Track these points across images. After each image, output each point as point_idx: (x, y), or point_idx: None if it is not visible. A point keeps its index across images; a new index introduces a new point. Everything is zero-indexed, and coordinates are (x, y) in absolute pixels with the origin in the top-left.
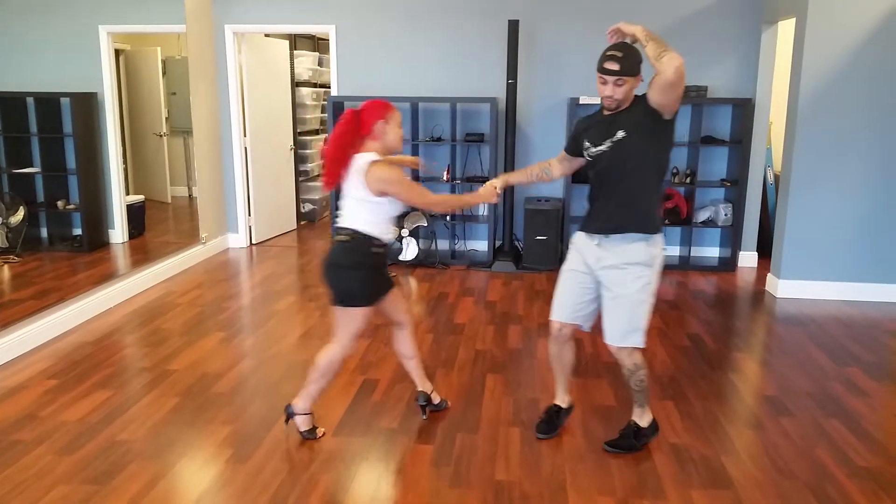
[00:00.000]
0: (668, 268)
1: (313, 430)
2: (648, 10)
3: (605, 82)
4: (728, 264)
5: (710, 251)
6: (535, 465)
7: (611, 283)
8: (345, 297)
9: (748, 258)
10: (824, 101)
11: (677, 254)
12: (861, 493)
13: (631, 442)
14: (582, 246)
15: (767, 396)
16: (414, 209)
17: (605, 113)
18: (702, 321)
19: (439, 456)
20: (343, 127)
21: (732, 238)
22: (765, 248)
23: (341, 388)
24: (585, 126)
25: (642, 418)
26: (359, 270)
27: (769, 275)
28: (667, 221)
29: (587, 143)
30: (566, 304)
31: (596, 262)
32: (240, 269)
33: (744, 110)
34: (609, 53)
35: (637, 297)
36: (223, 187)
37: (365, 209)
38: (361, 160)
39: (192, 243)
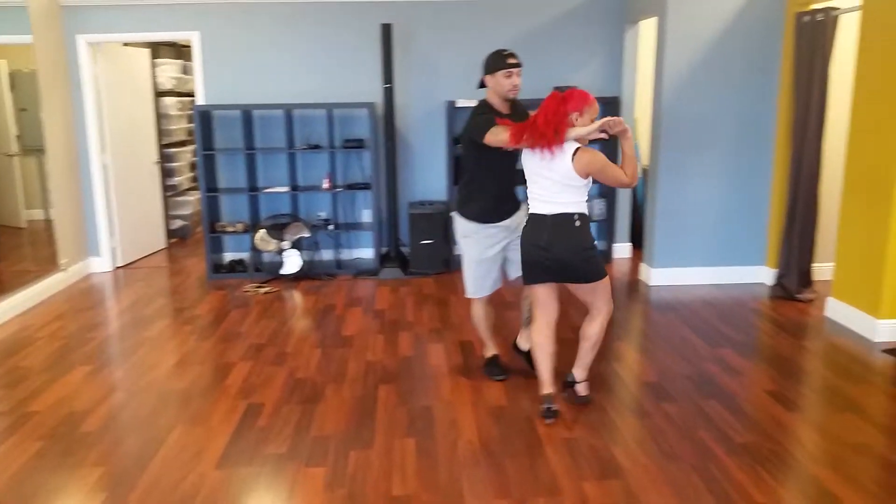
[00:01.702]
0: None
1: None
2: (517, 13)
3: (510, 75)
4: (605, 256)
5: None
6: (431, 476)
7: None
8: (598, 273)
9: (623, 249)
10: (685, 96)
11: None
12: (740, 469)
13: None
14: (497, 231)
15: (649, 383)
16: (297, 219)
17: (505, 112)
18: (583, 314)
19: (333, 478)
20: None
21: (607, 231)
22: (637, 240)
23: (222, 417)
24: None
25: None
26: (595, 247)
27: (642, 264)
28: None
29: None
30: (490, 282)
31: (512, 231)
32: (105, 296)
33: (611, 108)
34: (507, 52)
35: None
36: (82, 208)
37: (578, 192)
38: (568, 147)
39: (50, 270)
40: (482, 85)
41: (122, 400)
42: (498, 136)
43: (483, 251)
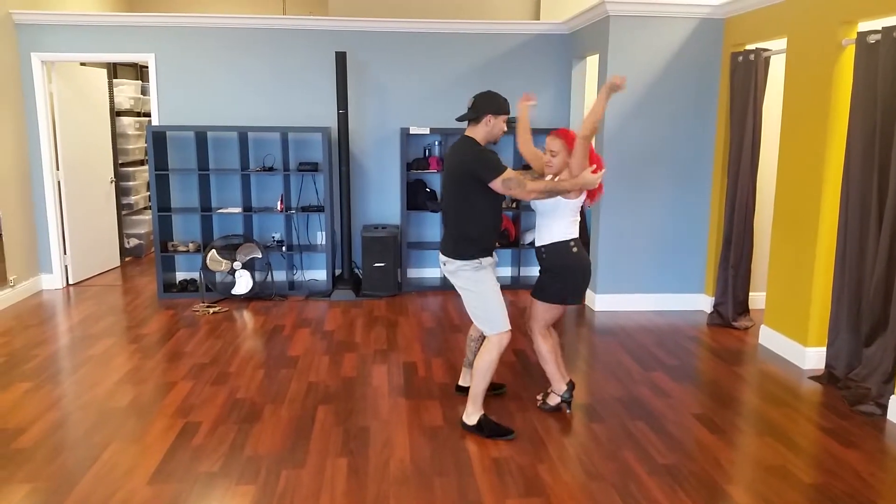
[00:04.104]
0: (501, 287)
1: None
2: (469, 45)
3: (506, 121)
4: None
5: (537, 271)
6: (359, 495)
7: None
8: None
9: None
10: (627, 130)
11: (508, 274)
12: (659, 489)
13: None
14: (491, 263)
15: (581, 404)
16: (249, 240)
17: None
18: (527, 337)
19: (261, 496)
20: None
21: None
22: None
23: (158, 435)
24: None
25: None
26: None
27: (587, 290)
28: (497, 244)
29: None
30: None
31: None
32: (54, 313)
33: None
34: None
35: None
36: (34, 224)
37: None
38: None
39: None
40: (469, 119)
41: (60, 417)
42: (524, 188)
43: (492, 279)
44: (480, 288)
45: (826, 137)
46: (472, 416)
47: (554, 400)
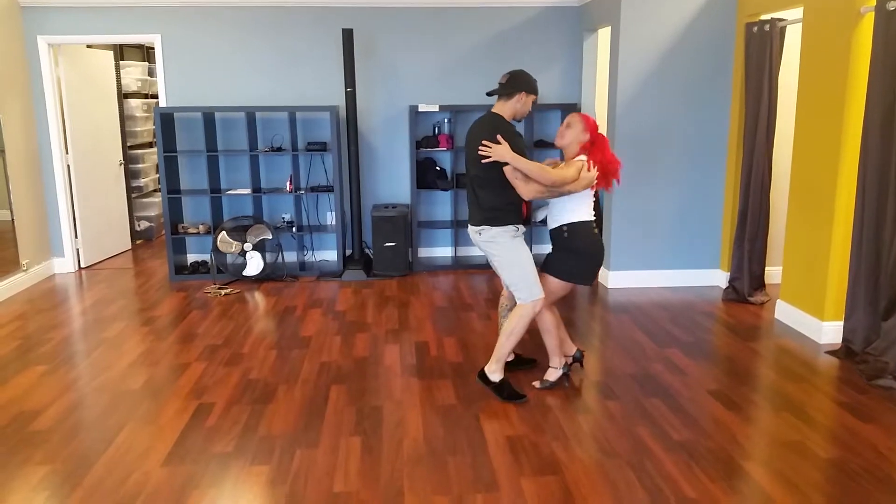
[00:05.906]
0: None
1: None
2: (477, 20)
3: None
4: None
5: (549, 248)
6: (373, 474)
7: None
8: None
9: None
10: (639, 104)
11: None
12: (675, 466)
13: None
14: (524, 232)
15: (595, 381)
16: (259, 221)
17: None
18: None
19: (276, 475)
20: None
21: None
22: None
23: (172, 416)
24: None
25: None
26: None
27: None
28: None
29: None
30: None
31: None
32: (67, 296)
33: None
34: None
35: None
36: (45, 208)
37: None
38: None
39: (12, 271)
40: (502, 93)
41: (75, 400)
42: (524, 184)
43: (524, 246)
44: (518, 256)
45: (843, 109)
46: (494, 374)
47: (554, 375)
